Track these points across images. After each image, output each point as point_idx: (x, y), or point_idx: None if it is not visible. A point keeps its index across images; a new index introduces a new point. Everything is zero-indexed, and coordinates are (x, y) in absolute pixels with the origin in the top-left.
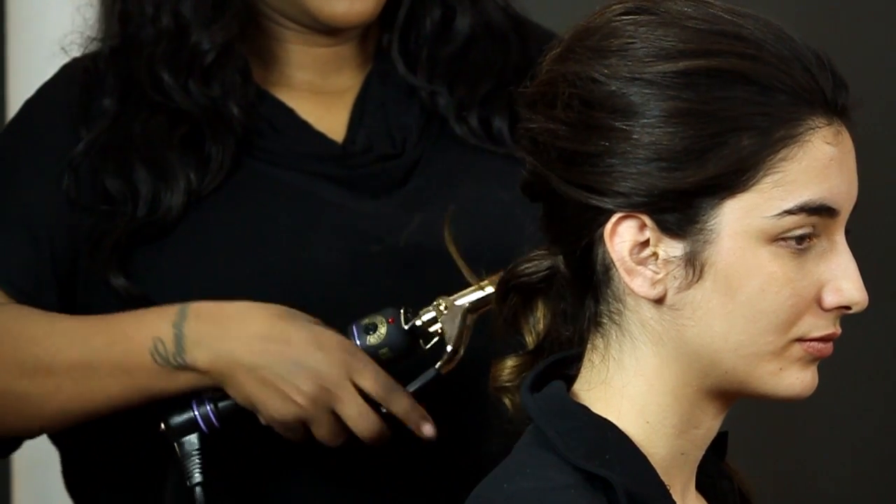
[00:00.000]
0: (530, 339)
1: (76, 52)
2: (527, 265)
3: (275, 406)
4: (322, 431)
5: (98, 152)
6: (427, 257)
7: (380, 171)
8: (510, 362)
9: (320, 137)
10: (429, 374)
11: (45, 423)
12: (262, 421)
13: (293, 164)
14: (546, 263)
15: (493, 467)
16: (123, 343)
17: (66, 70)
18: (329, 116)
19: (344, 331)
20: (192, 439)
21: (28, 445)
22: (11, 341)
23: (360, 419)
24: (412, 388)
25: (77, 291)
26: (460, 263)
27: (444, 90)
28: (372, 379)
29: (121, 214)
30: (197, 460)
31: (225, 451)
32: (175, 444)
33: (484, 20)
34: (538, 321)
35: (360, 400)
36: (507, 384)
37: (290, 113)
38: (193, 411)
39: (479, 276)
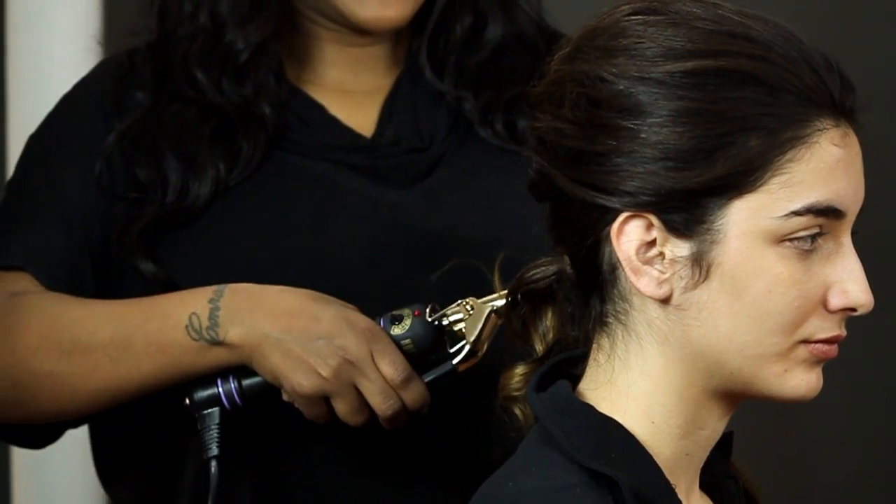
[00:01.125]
0: (540, 348)
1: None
2: (534, 272)
3: (297, 378)
4: (343, 407)
5: (130, 142)
6: (447, 246)
7: (406, 162)
8: (519, 370)
9: (349, 131)
10: (445, 367)
11: (79, 405)
12: (285, 396)
13: (321, 154)
14: (553, 269)
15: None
16: (159, 319)
17: (102, 65)
18: (358, 114)
19: (372, 317)
20: (214, 414)
21: None
22: (51, 323)
23: (380, 396)
24: (427, 378)
25: (111, 279)
26: (494, 279)
27: (469, 95)
28: (390, 363)
29: (149, 202)
30: (216, 435)
31: (244, 430)
32: (196, 417)
33: (515, 31)
34: (548, 330)
35: (380, 376)
36: (516, 393)
37: (320, 109)
38: (217, 387)
39: (501, 273)
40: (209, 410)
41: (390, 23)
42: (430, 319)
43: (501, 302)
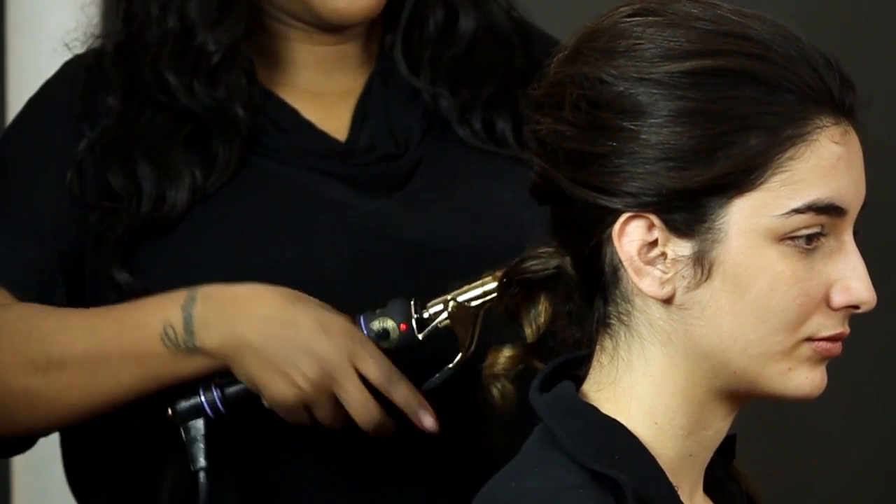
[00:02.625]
0: (529, 332)
1: (78, 49)
2: (533, 262)
3: (277, 388)
4: (323, 414)
5: (102, 150)
6: (428, 255)
7: (382, 170)
8: (507, 352)
9: (323, 136)
10: (444, 374)
11: (57, 420)
12: (266, 403)
13: (297, 161)
14: (553, 262)
15: (495, 460)
16: (133, 330)
17: (67, 67)
18: (332, 117)
19: (353, 316)
20: (198, 424)
21: None
22: (23, 338)
23: (359, 406)
24: (428, 387)
25: (84, 289)
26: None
27: (446, 92)
28: (374, 366)
29: (124, 211)
30: (202, 445)
31: (229, 438)
32: (181, 429)
33: (487, 22)
34: (539, 315)
35: (360, 386)
36: (501, 373)
37: (293, 113)
38: (200, 397)
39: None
40: (193, 421)
41: (360, 13)
42: (419, 334)
43: (483, 289)
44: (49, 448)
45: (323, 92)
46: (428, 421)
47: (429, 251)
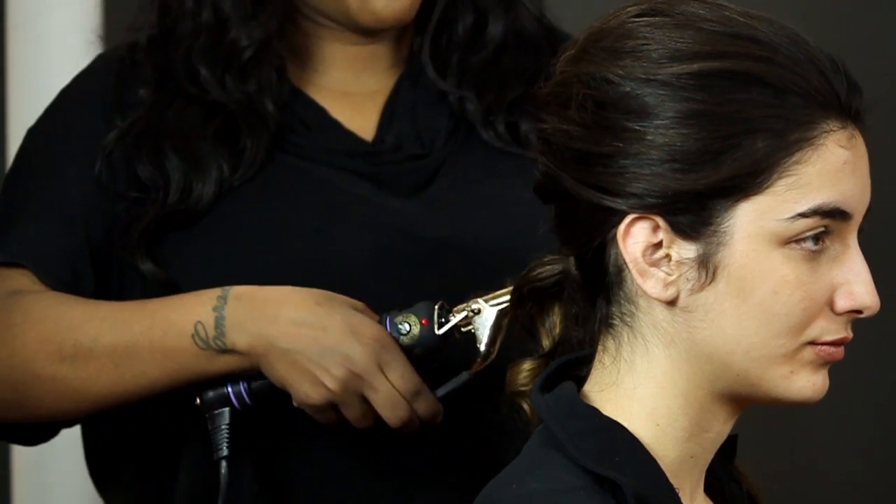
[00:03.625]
0: (547, 343)
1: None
2: (540, 270)
3: (305, 389)
4: (352, 413)
5: (132, 140)
6: (450, 252)
7: (408, 170)
8: (527, 366)
9: (350, 135)
10: (461, 379)
11: (82, 408)
12: (295, 403)
13: (323, 158)
14: (558, 267)
15: (509, 453)
16: (164, 326)
17: (101, 59)
18: (359, 117)
19: (378, 314)
20: (224, 414)
21: None
22: (52, 326)
23: (388, 406)
24: (442, 392)
25: (112, 278)
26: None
27: (472, 95)
28: (400, 375)
29: (151, 201)
30: (226, 435)
31: (250, 428)
32: (206, 417)
33: (517, 28)
34: (555, 325)
35: (389, 387)
36: (524, 388)
37: (321, 111)
38: (227, 388)
39: (504, 277)
40: (219, 410)
41: (393, 20)
42: (438, 331)
43: (507, 298)
44: (49, 448)
45: (352, 92)
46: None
47: (451, 248)
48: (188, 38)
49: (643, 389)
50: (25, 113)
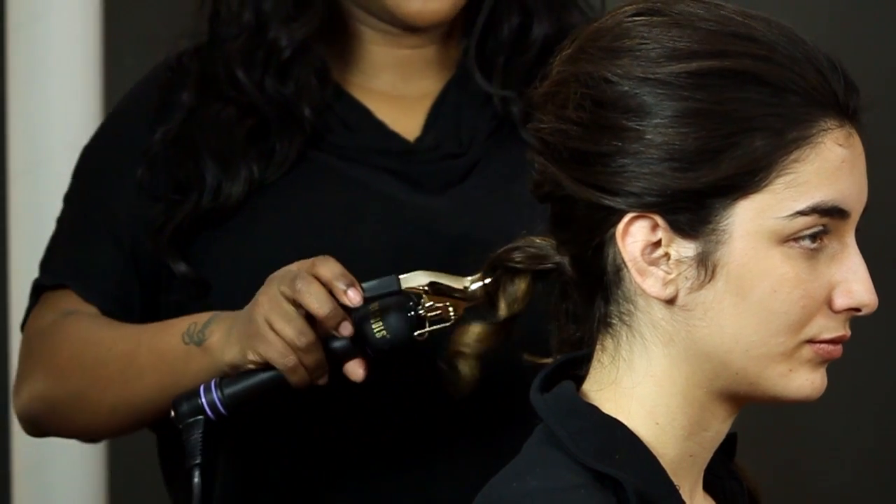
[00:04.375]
0: (503, 311)
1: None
2: (516, 254)
3: (259, 345)
4: (310, 359)
5: (171, 144)
6: (471, 247)
7: (442, 168)
8: (475, 328)
9: (392, 136)
10: (390, 284)
11: (102, 424)
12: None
13: (357, 157)
14: (531, 251)
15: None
16: (164, 329)
17: (154, 70)
18: (405, 119)
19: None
20: (198, 423)
21: (28, 445)
22: (80, 345)
23: (314, 297)
24: (368, 286)
25: (160, 293)
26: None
27: (515, 96)
28: (329, 268)
29: (187, 202)
30: (199, 442)
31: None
32: (181, 428)
33: (563, 29)
34: (517, 297)
35: (317, 283)
36: (465, 350)
37: (366, 112)
38: (200, 398)
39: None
40: (192, 420)
41: (433, 16)
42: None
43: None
44: (49, 449)
45: (400, 95)
46: (346, 330)
47: (472, 243)
48: (231, 41)
49: (642, 388)
50: (26, 116)
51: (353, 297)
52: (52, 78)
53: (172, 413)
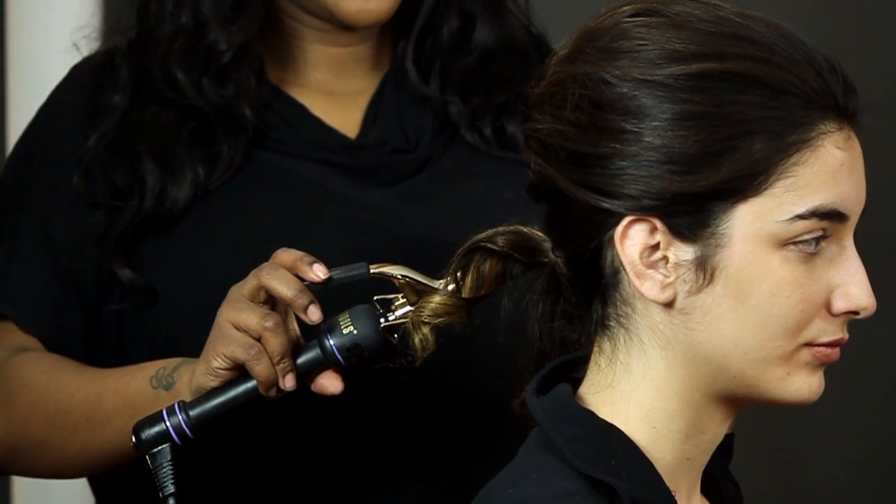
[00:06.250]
0: (467, 290)
1: (87, 49)
2: (499, 238)
3: (224, 346)
4: (273, 344)
5: (107, 147)
6: (430, 250)
7: (391, 162)
8: (436, 299)
9: (333, 132)
10: (358, 270)
11: (72, 468)
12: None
13: (304, 153)
14: (516, 238)
15: (499, 459)
16: (131, 374)
17: (75, 70)
18: (342, 115)
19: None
20: (165, 451)
21: None
22: (40, 390)
23: (280, 280)
24: (337, 275)
25: (101, 304)
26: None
27: (456, 100)
28: (289, 253)
29: (128, 208)
30: (170, 471)
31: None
32: (147, 458)
33: (505, 35)
34: (485, 280)
35: (281, 268)
36: (426, 320)
37: (302, 109)
38: (165, 422)
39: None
40: (159, 449)
41: (374, 16)
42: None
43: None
44: None
45: (333, 92)
46: (315, 314)
47: (431, 246)
48: (166, 41)
49: (639, 392)
50: (25, 113)
51: (318, 270)
52: (52, 77)
53: (133, 440)
